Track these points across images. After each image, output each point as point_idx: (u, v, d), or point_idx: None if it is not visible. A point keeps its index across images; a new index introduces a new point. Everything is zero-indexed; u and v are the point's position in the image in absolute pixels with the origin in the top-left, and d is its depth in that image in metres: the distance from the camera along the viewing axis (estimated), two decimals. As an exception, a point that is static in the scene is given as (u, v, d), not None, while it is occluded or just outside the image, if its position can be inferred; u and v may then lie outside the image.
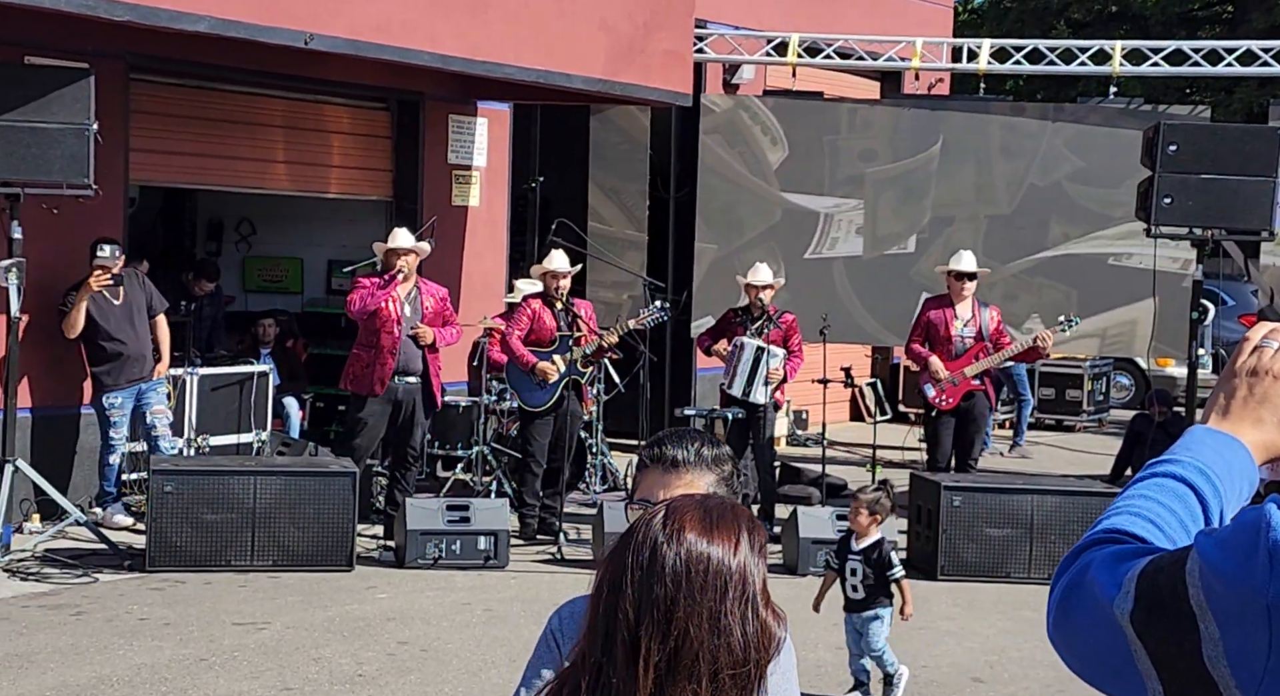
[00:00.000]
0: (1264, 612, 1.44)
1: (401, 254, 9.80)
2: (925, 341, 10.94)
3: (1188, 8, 27.76)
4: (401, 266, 9.78)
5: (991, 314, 10.92)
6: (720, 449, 2.74)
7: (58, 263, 9.80)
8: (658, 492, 2.64)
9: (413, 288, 9.95)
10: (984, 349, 10.79)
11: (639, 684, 1.79)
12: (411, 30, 9.98)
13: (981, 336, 10.81)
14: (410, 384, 9.88)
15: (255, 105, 11.83)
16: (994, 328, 10.85)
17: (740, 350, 10.65)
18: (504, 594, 8.74)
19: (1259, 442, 1.67)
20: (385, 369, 9.79)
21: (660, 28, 11.85)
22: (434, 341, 9.90)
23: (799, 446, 14.80)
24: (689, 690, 1.79)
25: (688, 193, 14.14)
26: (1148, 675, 1.53)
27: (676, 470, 2.67)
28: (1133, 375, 18.97)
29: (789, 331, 10.78)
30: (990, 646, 8.05)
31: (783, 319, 10.79)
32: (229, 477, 8.94)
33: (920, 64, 13.75)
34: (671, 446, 2.69)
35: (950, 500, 9.50)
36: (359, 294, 9.79)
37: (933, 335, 10.91)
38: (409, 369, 9.87)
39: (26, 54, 9.59)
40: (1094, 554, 1.60)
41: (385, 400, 9.82)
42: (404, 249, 9.81)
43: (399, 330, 9.79)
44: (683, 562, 1.80)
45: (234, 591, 8.48)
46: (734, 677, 1.80)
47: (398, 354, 9.80)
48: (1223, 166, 10.39)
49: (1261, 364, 1.68)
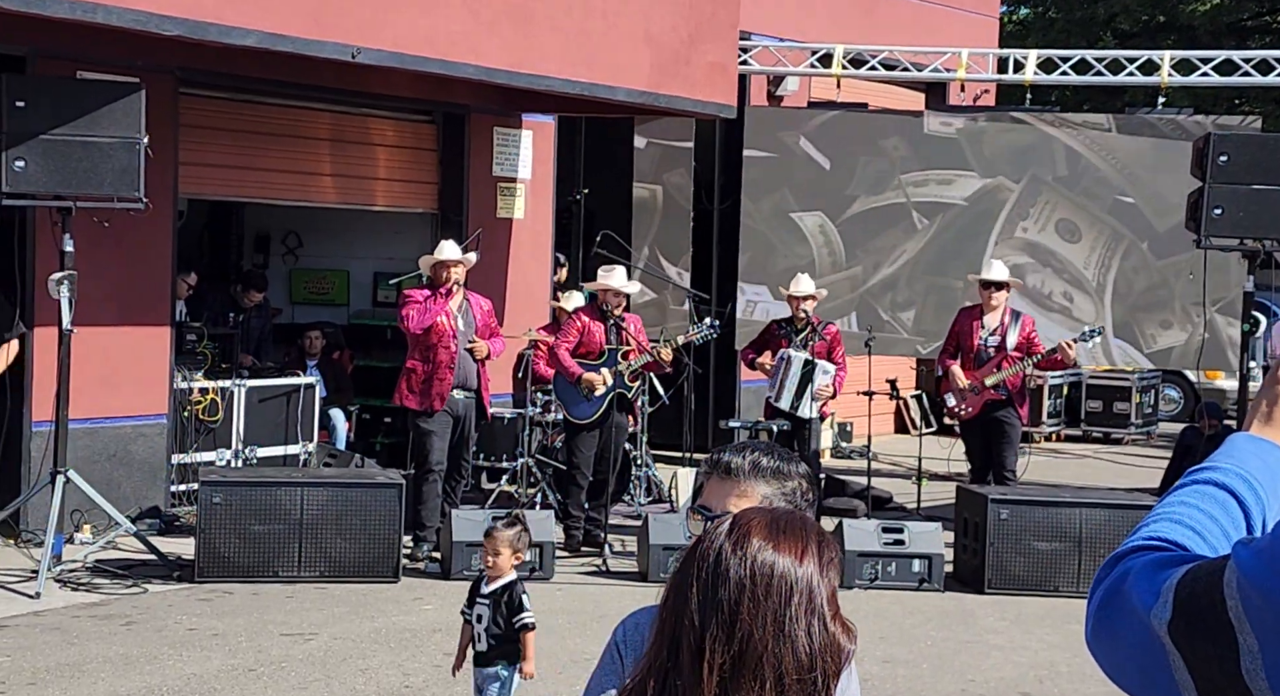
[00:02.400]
0: None
1: (450, 266, 9.81)
2: (956, 351, 10.91)
3: (1237, 17, 27.53)
4: (456, 278, 9.79)
5: (1023, 324, 10.84)
6: (787, 463, 2.67)
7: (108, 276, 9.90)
8: (713, 500, 2.64)
9: (462, 299, 9.97)
10: (1008, 359, 10.72)
11: (704, 687, 1.80)
12: (456, 44, 10.03)
13: (1005, 347, 10.73)
14: (468, 397, 9.89)
15: (302, 119, 11.92)
16: (1022, 338, 10.77)
17: (787, 363, 10.62)
18: (549, 605, 8.74)
19: None
20: (445, 384, 9.76)
21: (705, 40, 11.87)
22: (488, 354, 9.91)
23: (844, 459, 14.75)
24: (753, 693, 1.79)
25: (731, 204, 14.14)
26: (1185, 686, 1.51)
27: (731, 477, 2.64)
28: (1181, 387, 18.81)
29: (833, 343, 10.77)
30: (1039, 661, 7.99)
31: (826, 330, 10.77)
32: (276, 489, 8.99)
33: (966, 75, 13.70)
34: (730, 454, 2.67)
35: (998, 513, 9.44)
36: (413, 308, 9.73)
37: (960, 344, 10.89)
38: (466, 383, 9.88)
39: (79, 69, 9.71)
40: (1133, 561, 1.58)
41: (446, 414, 9.83)
42: (453, 261, 9.83)
43: (455, 344, 9.80)
44: (747, 568, 1.82)
45: (281, 602, 8.52)
46: (799, 684, 1.80)
47: (456, 368, 9.82)
48: (1275, 177, 10.30)
49: None
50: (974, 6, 17.44)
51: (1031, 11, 31.32)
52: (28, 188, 8.77)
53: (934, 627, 8.60)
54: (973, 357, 10.74)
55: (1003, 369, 10.68)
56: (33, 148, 8.64)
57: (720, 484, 2.66)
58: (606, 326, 10.30)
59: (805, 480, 2.68)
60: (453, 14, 9.99)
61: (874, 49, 13.99)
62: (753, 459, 2.66)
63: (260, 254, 14.82)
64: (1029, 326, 10.85)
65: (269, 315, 13.30)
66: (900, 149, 13.48)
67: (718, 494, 2.64)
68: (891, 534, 9.48)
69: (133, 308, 10.32)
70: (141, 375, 10.37)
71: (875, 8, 15.94)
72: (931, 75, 14.15)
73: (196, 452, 10.64)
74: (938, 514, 10.97)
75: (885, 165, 13.46)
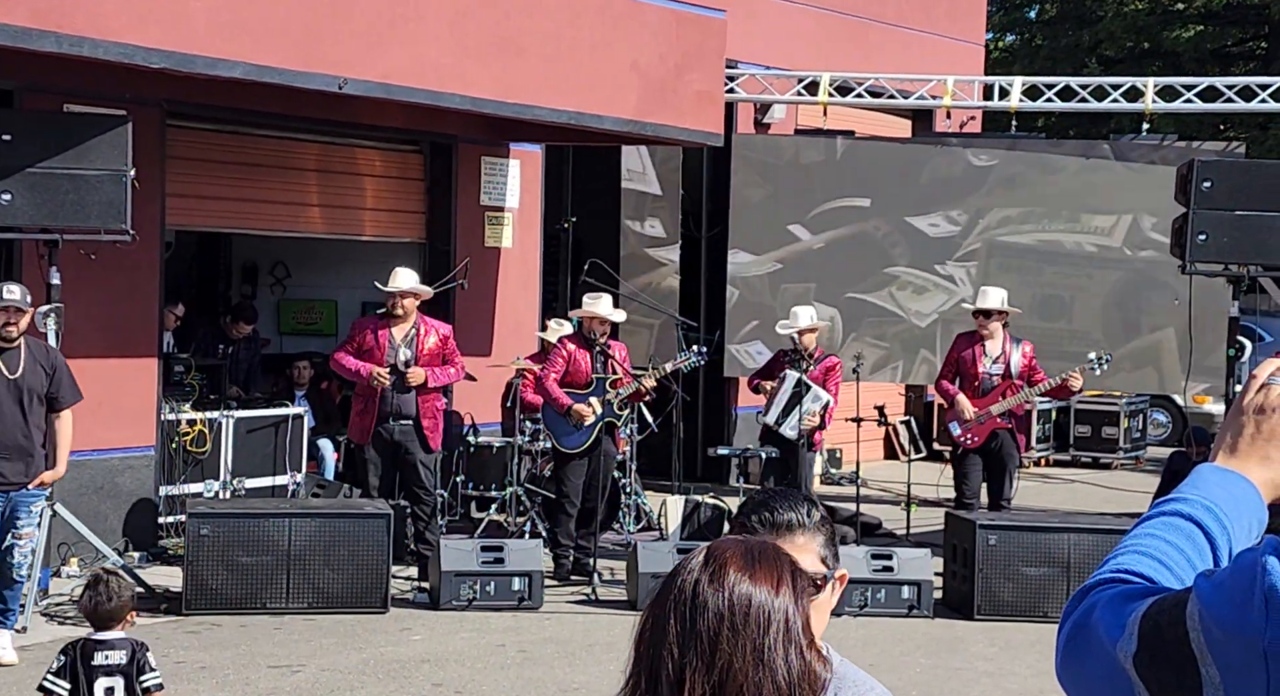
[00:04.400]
0: (1260, 658, 1.44)
1: (400, 297, 9.87)
2: (955, 378, 10.91)
3: (1220, 43, 27.69)
4: (404, 310, 9.91)
5: (1023, 351, 10.86)
6: (820, 509, 2.61)
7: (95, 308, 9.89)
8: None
9: (411, 328, 9.98)
10: (1012, 387, 10.74)
11: None
12: (444, 74, 10.07)
13: (1009, 374, 10.76)
14: (404, 426, 9.92)
15: (289, 149, 11.94)
16: (1025, 365, 10.80)
17: (782, 381, 10.70)
18: (539, 635, 8.72)
19: (1267, 480, 1.66)
20: (369, 418, 9.87)
21: (691, 68, 11.92)
22: (424, 381, 9.90)
23: (833, 485, 14.75)
24: None
25: (719, 232, 14.18)
26: None
27: (791, 533, 2.53)
28: (1169, 412, 18.84)
29: (827, 373, 10.79)
30: (1028, 687, 7.98)
31: (824, 362, 10.83)
32: (264, 520, 8.97)
33: (952, 102, 13.77)
34: (783, 510, 2.56)
35: (986, 539, 9.45)
36: (342, 359, 9.91)
37: (961, 372, 10.89)
38: (402, 412, 9.90)
39: (66, 102, 9.73)
40: (1099, 594, 1.60)
41: (382, 445, 9.89)
42: (401, 292, 9.88)
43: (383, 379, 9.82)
44: (725, 599, 1.83)
45: (269, 634, 8.50)
46: None
47: (385, 401, 9.84)
48: (1258, 202, 10.35)
49: (1269, 401, 1.67)
50: (959, 34, 17.53)
51: (1017, 38, 31.49)
52: (14, 221, 8.79)
53: (923, 654, 8.59)
54: (977, 386, 10.75)
55: (1007, 397, 10.71)
56: (20, 181, 8.65)
57: (775, 541, 2.48)
58: (592, 354, 10.31)
59: (830, 524, 2.61)
60: (440, 44, 10.03)
61: (860, 76, 14.06)
62: (806, 511, 2.57)
63: (248, 284, 14.84)
64: (1030, 353, 10.87)
65: (258, 346, 13.30)
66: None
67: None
68: (880, 560, 9.48)
69: (120, 339, 10.31)
70: (129, 407, 10.35)
71: (861, 36, 16.02)
72: (917, 102, 14.22)
73: (184, 484, 10.62)
74: (927, 540, 10.97)
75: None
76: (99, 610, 5.46)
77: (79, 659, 5.40)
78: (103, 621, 5.48)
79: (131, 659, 5.43)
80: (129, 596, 5.57)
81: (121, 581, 5.63)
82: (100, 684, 5.37)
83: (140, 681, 5.41)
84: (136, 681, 5.40)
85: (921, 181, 13.53)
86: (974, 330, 10.98)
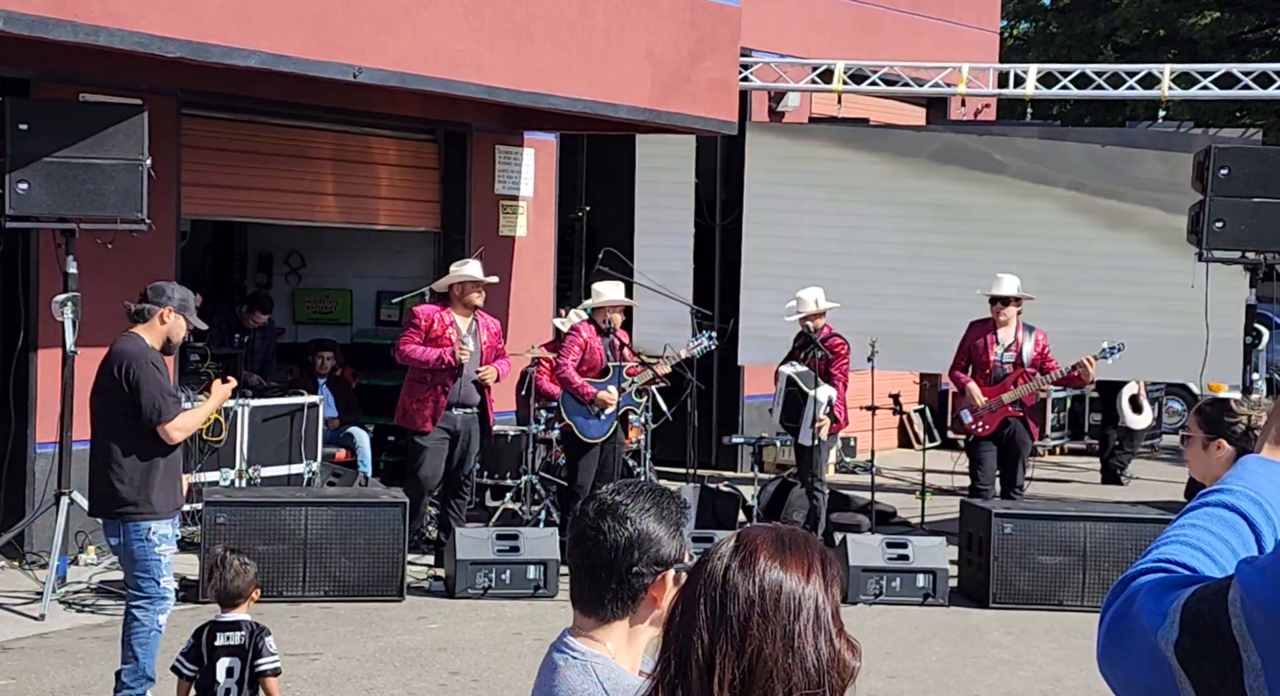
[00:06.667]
0: None
1: (472, 288, 9.84)
2: (967, 366, 10.88)
3: (1237, 30, 27.57)
4: (476, 303, 9.85)
5: (1036, 339, 10.82)
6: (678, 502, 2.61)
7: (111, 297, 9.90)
8: None
9: (472, 320, 9.99)
10: (1024, 375, 10.71)
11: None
12: (458, 62, 10.06)
13: (1022, 362, 10.72)
14: (468, 414, 9.92)
15: (304, 138, 11.94)
16: (1037, 353, 10.76)
17: (776, 380, 10.66)
18: (554, 623, 8.72)
19: None
20: (440, 405, 9.81)
21: (705, 57, 11.89)
22: (497, 379, 9.95)
23: (847, 473, 14.74)
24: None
25: (734, 220, 14.16)
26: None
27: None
28: (1185, 400, 18.79)
29: (834, 354, 10.65)
30: (1044, 675, 7.98)
31: (829, 343, 10.71)
32: (280, 508, 9.00)
33: (966, 90, 13.73)
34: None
35: (1002, 527, 9.44)
36: (413, 351, 9.75)
37: (974, 360, 10.86)
38: (466, 400, 9.90)
39: (81, 91, 9.73)
40: (1142, 583, 1.60)
41: (443, 432, 9.86)
42: (474, 281, 9.85)
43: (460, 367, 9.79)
44: (755, 585, 1.85)
45: (286, 622, 8.51)
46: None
47: (454, 390, 9.83)
48: (1276, 189, 10.32)
49: None
50: (974, 21, 17.47)
51: (1032, 26, 31.38)
52: (31, 210, 8.80)
53: (939, 642, 8.59)
54: (989, 374, 10.72)
55: (1019, 385, 10.67)
56: (36, 170, 8.66)
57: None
58: (606, 342, 10.32)
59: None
60: (455, 32, 10.02)
61: (875, 64, 14.02)
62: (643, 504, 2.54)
63: (263, 274, 14.84)
64: (1043, 341, 10.82)
65: (274, 336, 13.31)
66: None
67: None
68: (896, 549, 9.47)
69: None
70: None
71: (876, 24, 15.97)
72: (932, 90, 14.18)
73: (200, 473, 10.64)
74: (942, 528, 10.96)
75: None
76: (228, 588, 5.66)
77: (205, 640, 5.63)
78: (231, 599, 5.67)
79: (250, 641, 5.61)
80: (253, 574, 5.75)
81: (242, 558, 5.82)
82: (221, 664, 5.57)
83: (256, 665, 5.57)
84: (252, 664, 5.57)
85: (935, 168, 13.49)
86: (987, 318, 10.94)
